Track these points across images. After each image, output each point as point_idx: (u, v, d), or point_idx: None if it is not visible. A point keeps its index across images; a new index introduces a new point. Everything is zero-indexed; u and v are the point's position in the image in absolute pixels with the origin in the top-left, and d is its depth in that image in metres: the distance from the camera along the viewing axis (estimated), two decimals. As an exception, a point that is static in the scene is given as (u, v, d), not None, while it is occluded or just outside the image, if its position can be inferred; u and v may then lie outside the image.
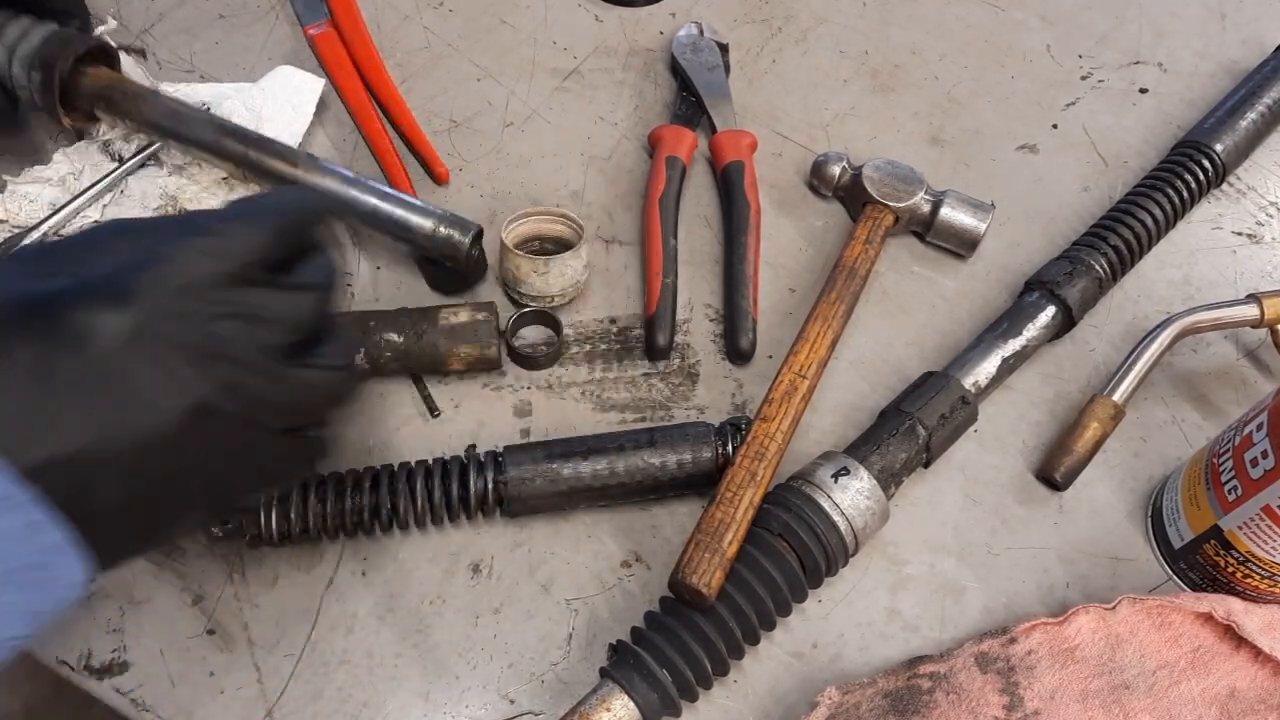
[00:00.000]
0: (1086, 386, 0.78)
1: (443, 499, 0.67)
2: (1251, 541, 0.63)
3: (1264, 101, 0.89)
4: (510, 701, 0.64)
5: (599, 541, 0.70)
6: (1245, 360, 0.80)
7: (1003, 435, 0.75)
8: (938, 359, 0.78)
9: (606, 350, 0.78)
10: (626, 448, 0.68)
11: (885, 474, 0.67)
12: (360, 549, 0.69)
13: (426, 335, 0.72)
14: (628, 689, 0.59)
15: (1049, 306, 0.77)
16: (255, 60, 0.92)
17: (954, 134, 0.92)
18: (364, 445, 0.73)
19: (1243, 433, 0.63)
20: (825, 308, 0.74)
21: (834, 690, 0.61)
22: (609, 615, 0.67)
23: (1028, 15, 1.01)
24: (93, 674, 0.63)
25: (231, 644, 0.65)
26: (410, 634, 0.66)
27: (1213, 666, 0.64)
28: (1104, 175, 0.90)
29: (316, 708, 0.63)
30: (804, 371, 0.70)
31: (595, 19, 0.98)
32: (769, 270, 0.82)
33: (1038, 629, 0.64)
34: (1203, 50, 0.99)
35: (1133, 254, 0.81)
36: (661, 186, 0.83)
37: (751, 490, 0.64)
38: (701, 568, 0.61)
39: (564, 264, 0.76)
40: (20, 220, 0.79)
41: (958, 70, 0.96)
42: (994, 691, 0.62)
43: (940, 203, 0.81)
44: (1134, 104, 0.95)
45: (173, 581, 0.67)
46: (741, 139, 0.86)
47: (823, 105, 0.93)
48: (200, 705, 0.63)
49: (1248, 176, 0.90)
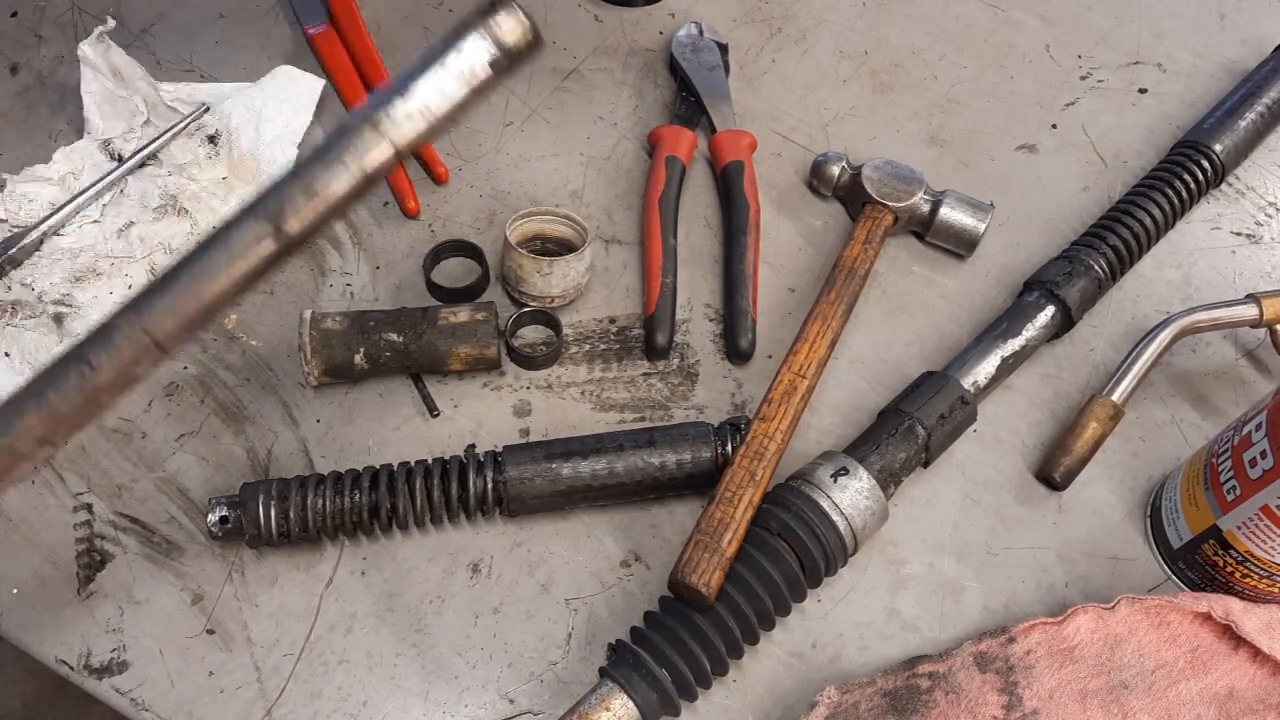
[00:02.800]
0: (1086, 386, 0.78)
1: (442, 499, 0.67)
2: (1250, 541, 0.63)
3: (1263, 101, 0.89)
4: (510, 701, 0.64)
5: (599, 541, 0.70)
6: (1244, 360, 0.80)
7: (1002, 435, 0.75)
8: (937, 359, 0.78)
9: (606, 350, 0.78)
10: (626, 448, 0.68)
11: (884, 474, 0.67)
12: (360, 549, 0.69)
13: (426, 335, 0.72)
14: (627, 689, 0.59)
15: (1048, 306, 0.77)
16: (255, 60, 0.92)
17: (954, 134, 0.92)
18: (364, 445, 0.73)
19: (1241, 433, 0.63)
20: (825, 307, 0.74)
21: (833, 690, 0.61)
22: (608, 615, 0.67)
23: (1027, 15, 1.01)
24: (92, 673, 0.64)
25: (231, 644, 0.65)
26: (410, 634, 0.66)
27: (1211, 666, 0.64)
28: (1103, 175, 0.90)
29: (316, 707, 0.63)
30: (803, 371, 0.70)
31: (595, 19, 0.98)
32: (768, 270, 0.82)
33: (1037, 629, 0.64)
34: (1202, 50, 0.99)
35: (1132, 254, 0.81)
36: (661, 186, 0.83)
37: (751, 490, 0.64)
38: (701, 567, 0.61)
39: (567, 265, 0.76)
40: (20, 220, 0.79)
41: (957, 70, 0.96)
42: (993, 691, 0.62)
43: (940, 203, 0.81)
44: (1133, 104, 0.95)
45: (172, 581, 0.67)
46: (741, 139, 0.86)
47: (822, 105, 0.93)
48: (200, 705, 0.63)
49: (1247, 176, 0.90)
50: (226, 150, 0.85)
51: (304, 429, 0.73)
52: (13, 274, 0.77)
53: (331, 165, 0.52)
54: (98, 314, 0.75)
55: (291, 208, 0.52)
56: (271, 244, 0.52)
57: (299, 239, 0.52)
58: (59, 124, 0.88)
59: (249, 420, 0.73)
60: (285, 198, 0.52)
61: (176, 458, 0.71)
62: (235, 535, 0.66)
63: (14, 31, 0.94)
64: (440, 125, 0.52)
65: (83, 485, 0.70)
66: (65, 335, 0.74)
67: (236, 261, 0.52)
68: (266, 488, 0.65)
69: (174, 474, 0.71)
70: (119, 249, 0.79)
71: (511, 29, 0.51)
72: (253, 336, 0.77)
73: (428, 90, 0.51)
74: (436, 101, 0.52)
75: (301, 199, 0.52)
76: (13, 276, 0.77)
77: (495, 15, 0.51)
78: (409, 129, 0.52)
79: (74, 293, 0.76)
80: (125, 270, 0.78)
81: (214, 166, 0.84)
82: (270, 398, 0.74)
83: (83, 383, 0.52)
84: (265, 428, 0.73)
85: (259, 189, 0.53)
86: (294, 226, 0.52)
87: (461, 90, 0.52)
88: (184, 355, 0.76)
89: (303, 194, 0.52)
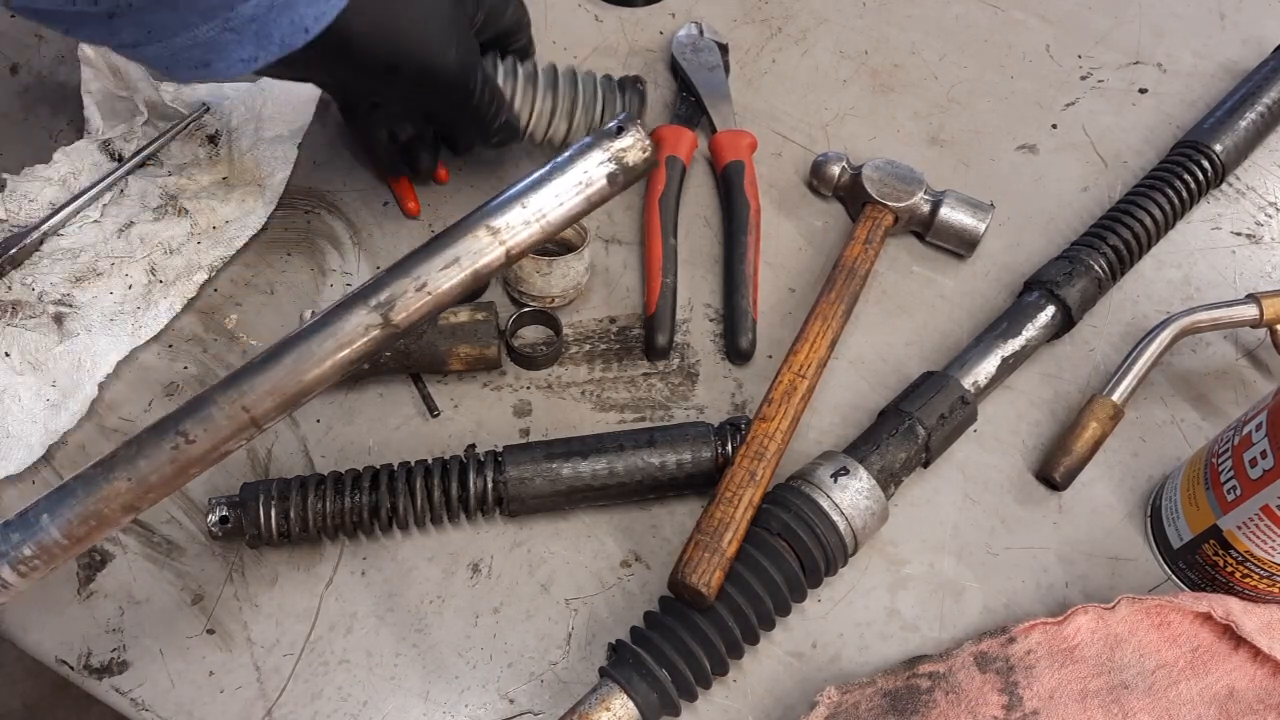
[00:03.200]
0: (1086, 386, 0.78)
1: (442, 499, 0.67)
2: (1250, 541, 0.63)
3: (1263, 102, 0.89)
4: (510, 701, 0.64)
5: (599, 541, 0.70)
6: (1244, 360, 0.80)
7: (1002, 435, 0.75)
8: (937, 359, 0.78)
9: (606, 350, 0.78)
10: (626, 448, 0.68)
11: (885, 474, 0.67)
12: (360, 549, 0.69)
13: (426, 335, 0.72)
14: (627, 689, 0.59)
15: (1048, 306, 0.77)
16: (255, 60, 0.92)
17: (954, 134, 0.92)
18: (364, 445, 0.73)
19: (1242, 433, 0.63)
20: (825, 307, 0.74)
21: (833, 690, 0.61)
22: (608, 615, 0.67)
23: (1027, 15, 1.01)
24: (92, 673, 0.64)
25: (231, 644, 0.65)
26: (410, 634, 0.66)
27: (1211, 666, 0.64)
28: (1103, 175, 0.90)
29: (316, 707, 0.63)
30: (803, 371, 0.70)
31: (595, 19, 0.98)
32: (769, 270, 0.82)
33: (1037, 629, 0.64)
34: (1202, 50, 0.99)
35: (1132, 254, 0.81)
36: (661, 186, 0.83)
37: (751, 490, 0.64)
38: (701, 567, 0.61)
39: (567, 265, 0.76)
40: (20, 220, 0.79)
41: (958, 70, 0.96)
42: (993, 691, 0.62)
43: (940, 202, 0.81)
44: (1133, 104, 0.95)
45: (172, 581, 0.67)
46: (741, 139, 0.86)
47: (822, 105, 0.93)
48: (200, 705, 0.63)
49: (1247, 176, 0.90)
50: (226, 150, 0.85)
51: (304, 429, 0.73)
52: (13, 274, 0.77)
53: (447, 265, 0.53)
54: (98, 314, 0.75)
55: (402, 302, 0.53)
56: (378, 334, 0.53)
57: (402, 332, 0.54)
58: (59, 124, 0.88)
59: (249, 420, 0.73)
60: (397, 291, 0.53)
61: (176, 458, 0.71)
62: (235, 535, 0.66)
63: (14, 31, 0.94)
64: (552, 234, 0.54)
65: (83, 485, 0.70)
66: (65, 335, 0.74)
67: (342, 349, 0.53)
68: (266, 488, 0.65)
69: (174, 474, 0.71)
70: (119, 249, 0.79)
71: (635, 151, 0.54)
72: (253, 336, 0.77)
73: (546, 200, 0.54)
74: (553, 211, 0.54)
75: (413, 294, 0.53)
76: (13, 276, 0.77)
77: (621, 137, 0.54)
78: (524, 236, 0.54)
79: (74, 293, 0.76)
80: (125, 270, 0.78)
81: (214, 166, 0.84)
82: (270, 398, 0.74)
83: (176, 454, 0.52)
84: (265, 428, 0.73)
85: (373, 277, 0.54)
86: (401, 320, 0.54)
87: (578, 202, 0.54)
88: (184, 355, 0.76)
89: (414, 289, 0.53)
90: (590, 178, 0.54)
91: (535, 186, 0.54)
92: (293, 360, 0.52)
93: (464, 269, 0.53)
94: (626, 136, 0.54)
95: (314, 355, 0.53)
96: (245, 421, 0.52)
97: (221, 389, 0.52)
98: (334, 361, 0.53)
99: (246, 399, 0.52)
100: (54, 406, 0.72)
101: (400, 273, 0.53)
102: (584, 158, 0.54)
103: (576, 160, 0.54)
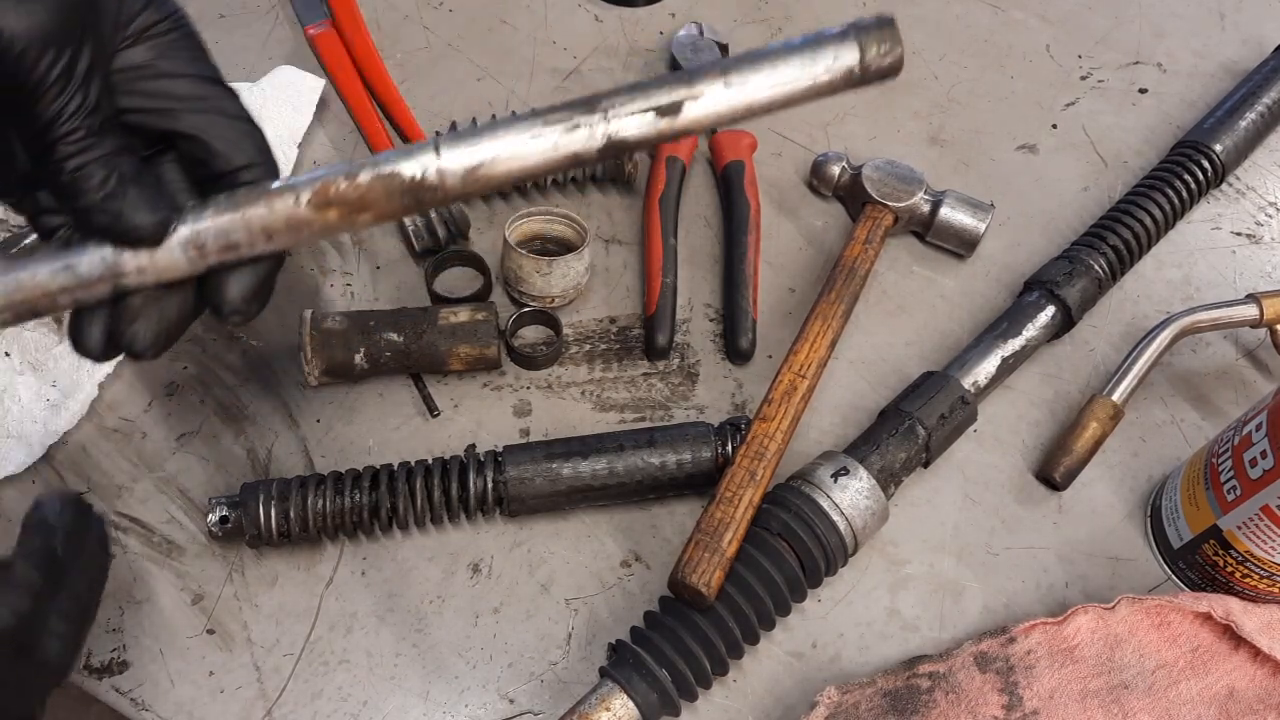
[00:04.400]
0: (1086, 386, 0.78)
1: (442, 499, 0.67)
2: (1250, 541, 0.63)
3: (1263, 102, 0.89)
4: (510, 701, 0.64)
5: (599, 541, 0.70)
6: (1244, 360, 0.80)
7: (1002, 435, 0.75)
8: (937, 359, 0.78)
9: (606, 350, 0.78)
10: (626, 448, 0.68)
11: (885, 474, 0.67)
12: (360, 549, 0.69)
13: (426, 335, 0.72)
14: (627, 688, 0.59)
15: (1048, 306, 0.77)
16: (255, 60, 0.92)
17: (954, 134, 0.92)
18: (364, 445, 0.73)
19: (1242, 433, 0.63)
20: (825, 307, 0.74)
21: (833, 690, 0.61)
22: (608, 615, 0.67)
23: (1027, 15, 1.01)
24: (92, 673, 0.63)
25: (231, 644, 0.65)
26: (410, 634, 0.66)
27: (1211, 666, 0.64)
28: (1104, 175, 0.90)
29: (316, 707, 0.63)
30: (803, 371, 0.70)
31: (595, 19, 0.98)
32: (769, 270, 0.82)
33: (1037, 629, 0.64)
34: (1202, 50, 0.99)
35: (1132, 254, 0.81)
36: (661, 186, 0.83)
37: (751, 490, 0.64)
38: (701, 567, 0.61)
39: (567, 265, 0.76)
40: (20, 219, 0.79)
41: (958, 70, 0.96)
42: (993, 691, 0.62)
43: (940, 202, 0.81)
44: (1134, 104, 0.95)
45: (172, 581, 0.67)
46: (741, 139, 0.86)
47: (823, 105, 0.93)
48: (200, 705, 0.63)
49: (1247, 176, 0.90)
50: (226, 150, 0.85)
51: (304, 429, 0.73)
52: (13, 274, 0.77)
53: (649, 105, 0.50)
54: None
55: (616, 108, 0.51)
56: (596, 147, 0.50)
57: (611, 150, 0.50)
58: (59, 124, 0.88)
59: (249, 420, 0.73)
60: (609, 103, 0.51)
61: (176, 458, 0.71)
62: (235, 535, 0.66)
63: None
64: (751, 112, 0.49)
65: (83, 485, 0.70)
66: (65, 335, 0.74)
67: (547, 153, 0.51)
68: (266, 488, 0.65)
69: (174, 474, 0.71)
70: (119, 249, 0.79)
71: (887, 50, 0.48)
72: (253, 336, 0.77)
73: (766, 79, 0.49)
74: (765, 89, 0.49)
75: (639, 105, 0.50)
76: (13, 276, 0.77)
77: (878, 31, 0.48)
78: (720, 102, 0.49)
79: (74, 293, 0.76)
80: (125, 270, 0.77)
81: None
82: (270, 398, 0.74)
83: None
84: (265, 428, 0.73)
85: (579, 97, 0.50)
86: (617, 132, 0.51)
87: (799, 87, 0.49)
88: (184, 355, 0.76)
89: (642, 104, 0.50)
90: (828, 65, 0.49)
91: (761, 57, 0.49)
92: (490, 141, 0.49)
93: (659, 123, 0.49)
94: (886, 29, 0.48)
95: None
96: None
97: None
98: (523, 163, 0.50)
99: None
100: (54, 406, 0.72)
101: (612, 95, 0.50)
102: (831, 43, 0.49)
103: (819, 45, 0.49)
